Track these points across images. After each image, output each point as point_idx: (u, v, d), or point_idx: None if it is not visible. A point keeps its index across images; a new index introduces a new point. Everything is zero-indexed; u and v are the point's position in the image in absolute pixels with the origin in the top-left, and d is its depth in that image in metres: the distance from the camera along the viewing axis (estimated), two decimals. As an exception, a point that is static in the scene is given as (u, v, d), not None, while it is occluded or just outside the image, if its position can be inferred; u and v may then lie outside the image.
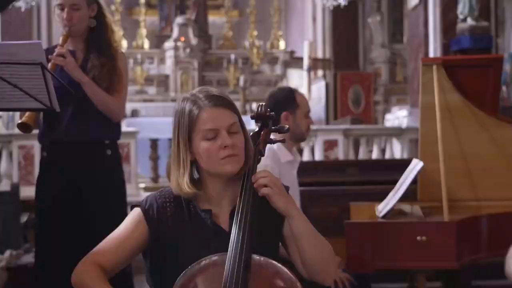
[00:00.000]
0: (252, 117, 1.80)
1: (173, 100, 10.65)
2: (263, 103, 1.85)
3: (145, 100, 10.73)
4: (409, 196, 3.18)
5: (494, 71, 2.98)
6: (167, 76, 10.98)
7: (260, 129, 1.80)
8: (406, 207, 3.16)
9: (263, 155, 1.81)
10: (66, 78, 2.68)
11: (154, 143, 8.07)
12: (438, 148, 2.95)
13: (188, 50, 10.81)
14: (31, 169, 5.95)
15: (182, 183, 1.67)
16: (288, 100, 3.02)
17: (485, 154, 3.17)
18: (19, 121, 2.57)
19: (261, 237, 1.67)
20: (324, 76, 11.65)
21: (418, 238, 2.64)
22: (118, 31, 2.97)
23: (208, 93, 1.69)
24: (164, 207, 1.71)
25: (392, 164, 4.72)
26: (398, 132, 7.32)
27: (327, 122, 10.28)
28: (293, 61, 11.31)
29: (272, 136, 1.84)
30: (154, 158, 8.02)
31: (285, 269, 1.59)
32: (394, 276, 3.92)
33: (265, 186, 1.63)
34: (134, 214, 1.74)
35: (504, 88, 8.35)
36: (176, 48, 10.78)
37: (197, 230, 1.69)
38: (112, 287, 1.63)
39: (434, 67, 2.95)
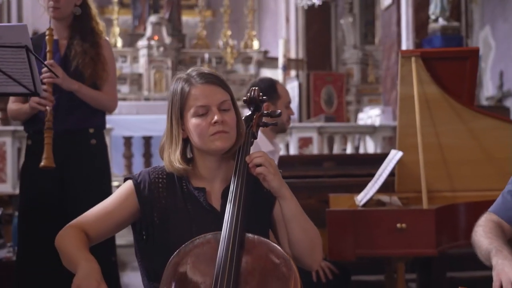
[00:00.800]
0: (244, 101, 1.82)
1: (147, 99, 10.59)
2: (256, 88, 1.87)
3: (118, 99, 10.61)
4: (386, 188, 3.23)
5: (470, 63, 3.04)
6: (140, 75, 10.91)
7: (253, 113, 1.82)
8: (384, 198, 3.21)
9: (256, 138, 1.83)
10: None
11: (127, 141, 8.01)
12: (415, 139, 3.00)
13: (161, 49, 10.75)
14: (3, 166, 5.85)
15: (173, 160, 1.68)
16: (269, 90, 3.04)
17: (461, 146, 3.23)
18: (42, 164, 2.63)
19: (253, 217, 1.69)
20: (297, 76, 11.72)
21: (398, 225, 2.68)
22: (102, 23, 2.95)
23: (200, 71, 1.71)
24: (156, 182, 1.72)
25: (368, 158, 4.78)
26: (371, 130, 7.41)
27: (300, 121, 10.35)
28: (267, 61, 11.35)
29: (264, 120, 1.86)
30: (128, 156, 7.96)
31: (278, 247, 1.60)
32: (373, 268, 3.97)
33: (260, 165, 1.64)
34: (125, 186, 1.74)
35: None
36: (149, 47, 10.72)
37: (189, 207, 1.70)
38: (91, 255, 1.61)
39: (413, 59, 3.00)
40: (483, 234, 1.80)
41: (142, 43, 10.87)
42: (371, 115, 8.63)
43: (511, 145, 3.15)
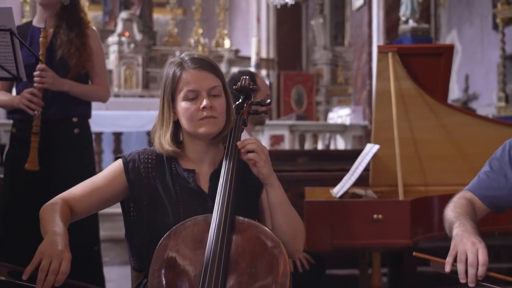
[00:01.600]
0: (235, 90, 1.84)
1: (117, 95, 10.48)
2: (247, 76, 1.89)
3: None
4: (361, 182, 3.28)
5: (445, 59, 3.12)
6: (110, 71, 10.79)
7: (243, 101, 1.84)
8: (360, 191, 3.27)
9: (246, 125, 1.85)
10: (36, 51, 2.66)
11: (98, 137, 7.90)
12: (390, 134, 3.06)
13: (132, 45, 10.66)
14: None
15: (164, 142, 1.71)
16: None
17: (435, 141, 3.30)
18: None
19: (242, 203, 1.70)
20: (268, 75, 11.77)
21: (375, 216, 2.73)
22: (89, 14, 2.94)
23: (193, 56, 1.73)
24: (145, 162, 1.73)
25: (341, 154, 4.84)
26: (342, 129, 7.51)
27: (271, 121, 10.40)
28: (238, 60, 11.37)
29: (254, 108, 1.88)
30: (98, 152, 7.86)
31: (268, 230, 1.62)
32: (347, 262, 4.02)
33: (252, 152, 1.66)
34: (115, 164, 1.75)
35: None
36: (120, 43, 10.61)
37: (177, 188, 1.71)
38: (63, 226, 1.59)
39: (390, 54, 3.07)
40: (452, 208, 1.86)
41: (112, 39, 10.77)
42: (341, 115, 8.74)
43: (483, 141, 3.23)
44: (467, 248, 1.57)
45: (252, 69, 8.91)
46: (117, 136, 8.37)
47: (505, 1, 7.95)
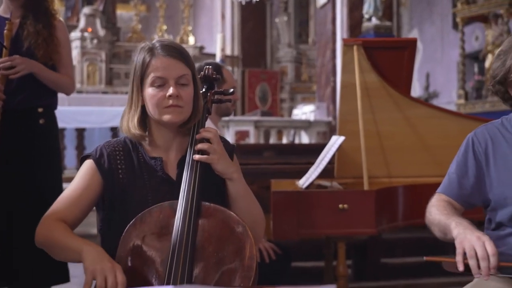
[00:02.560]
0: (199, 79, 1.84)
1: (79, 91, 10.32)
2: (210, 66, 1.89)
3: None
4: (326, 174, 3.31)
5: (408, 53, 3.17)
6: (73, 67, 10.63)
7: (207, 90, 1.84)
8: (325, 183, 3.30)
9: (210, 114, 1.86)
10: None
11: (60, 132, 7.76)
12: (355, 126, 3.09)
13: (95, 41, 10.52)
14: None
15: (131, 125, 1.69)
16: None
17: (399, 133, 3.35)
18: None
19: (211, 187, 1.70)
20: (232, 73, 11.76)
21: (340, 206, 2.75)
22: (56, 3, 2.89)
23: (164, 42, 1.71)
24: (114, 154, 1.71)
25: (307, 148, 4.88)
26: (306, 125, 7.56)
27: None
28: (203, 56, 11.32)
29: (218, 97, 1.88)
30: (61, 148, 7.73)
31: (234, 214, 1.62)
32: (312, 255, 4.05)
33: (208, 142, 1.67)
34: (86, 166, 1.72)
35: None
36: (82, 39, 10.45)
37: (145, 176, 1.70)
38: (86, 239, 1.59)
39: (355, 47, 3.11)
40: (438, 212, 1.85)
41: (75, 34, 10.60)
42: (305, 111, 8.80)
43: (445, 133, 3.30)
44: (473, 243, 1.59)
45: (218, 65, 8.90)
46: (80, 132, 8.25)
47: (464, 1, 8.13)
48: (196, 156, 1.65)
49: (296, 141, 7.52)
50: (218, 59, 8.92)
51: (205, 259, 1.55)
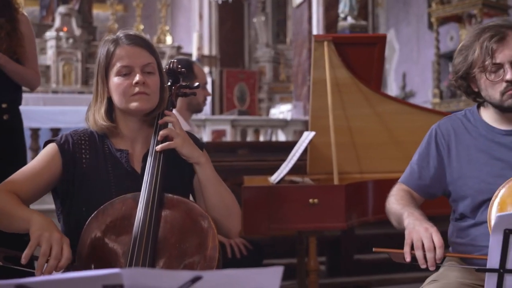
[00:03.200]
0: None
1: (55, 91, 10.23)
2: (175, 60, 1.90)
3: (23, 91, 10.17)
4: (299, 170, 3.33)
5: (378, 49, 3.19)
6: (48, 67, 10.52)
7: (172, 84, 1.85)
8: (297, 179, 3.31)
9: (175, 107, 1.86)
10: None
11: (34, 132, 7.69)
12: (327, 122, 3.11)
13: (71, 40, 10.42)
14: None
15: (98, 117, 1.69)
16: (186, 70, 3.05)
17: (370, 129, 3.37)
18: None
19: (175, 180, 1.70)
20: (210, 72, 11.76)
21: (311, 200, 2.76)
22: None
23: (127, 33, 1.72)
24: (79, 143, 1.70)
25: (281, 145, 4.89)
26: (283, 124, 7.58)
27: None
28: (180, 56, 11.30)
29: (183, 90, 1.89)
30: (35, 148, 7.64)
31: (197, 206, 1.63)
32: (285, 252, 4.07)
33: (169, 136, 1.67)
34: (49, 148, 1.70)
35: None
36: (58, 38, 10.35)
37: (110, 168, 1.69)
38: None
39: (325, 43, 3.12)
40: (395, 201, 1.89)
41: (50, 34, 10.50)
42: (282, 110, 8.83)
43: (415, 128, 3.32)
44: (421, 234, 1.62)
45: (195, 64, 8.89)
46: (55, 132, 8.17)
47: (439, 1, 8.22)
48: (158, 147, 1.65)
49: (273, 140, 7.54)
50: (194, 58, 8.92)
51: (167, 251, 1.55)
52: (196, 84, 1.91)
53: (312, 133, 3.10)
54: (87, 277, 0.83)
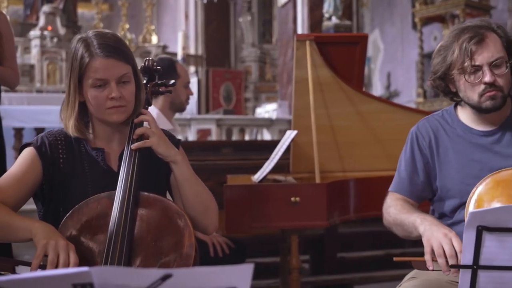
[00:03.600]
0: (139, 71, 1.83)
1: (39, 91, 10.16)
2: (151, 58, 1.89)
3: (7, 90, 10.08)
4: (282, 169, 3.34)
5: (360, 48, 3.21)
6: (32, 66, 10.45)
7: (148, 82, 1.84)
8: (280, 178, 3.32)
9: (150, 105, 1.86)
10: None
11: (18, 132, 7.63)
12: (309, 121, 3.12)
13: (55, 39, 10.36)
14: None
15: (68, 125, 1.67)
16: (168, 69, 3.05)
17: (352, 128, 3.39)
18: None
19: (151, 179, 1.70)
20: (196, 72, 11.74)
21: (292, 199, 2.77)
22: None
23: (102, 40, 1.65)
24: (55, 144, 1.69)
25: (266, 144, 4.89)
26: (268, 123, 7.59)
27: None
28: (166, 55, 11.28)
29: (159, 88, 1.89)
30: (19, 148, 7.59)
31: (173, 204, 1.63)
32: (269, 251, 4.07)
33: (145, 134, 1.66)
34: (26, 153, 1.69)
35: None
36: (42, 37, 10.28)
37: (86, 168, 1.69)
38: None
39: (307, 42, 3.13)
40: (398, 212, 1.85)
41: (34, 33, 10.42)
42: (268, 110, 8.83)
43: (397, 127, 3.35)
44: (441, 240, 1.58)
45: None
46: (39, 132, 8.10)
47: (423, 1, 8.27)
48: (134, 145, 1.65)
49: (259, 139, 7.55)
50: (179, 57, 8.89)
51: (143, 249, 1.54)
52: (172, 81, 1.90)
53: (294, 132, 3.11)
54: (57, 276, 0.83)
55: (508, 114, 1.87)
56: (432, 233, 1.62)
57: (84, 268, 0.82)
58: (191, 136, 7.11)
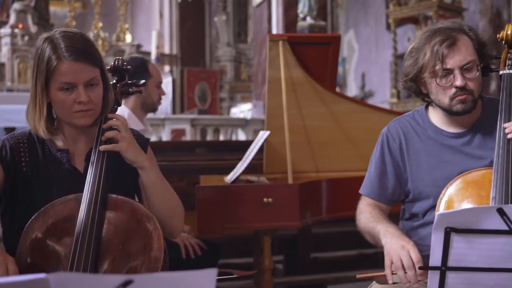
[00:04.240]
0: (109, 70, 1.79)
1: (9, 89, 9.99)
2: (120, 57, 1.86)
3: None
4: (255, 170, 3.33)
5: (333, 48, 3.21)
6: (2, 64, 10.26)
7: (117, 81, 1.81)
8: (253, 178, 3.31)
9: (120, 105, 1.82)
10: None
11: (-13, 132, 7.49)
12: (282, 121, 3.11)
13: (26, 38, 10.19)
14: None
15: (38, 128, 1.63)
16: (140, 69, 3.01)
17: (325, 128, 3.39)
18: None
19: (119, 181, 1.67)
20: (171, 71, 11.68)
21: (265, 200, 2.76)
22: None
23: (70, 42, 1.60)
24: (17, 147, 1.65)
25: (240, 144, 4.87)
26: (243, 123, 7.57)
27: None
28: (140, 54, 11.18)
29: (129, 88, 1.86)
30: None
31: (141, 206, 1.60)
32: (243, 251, 4.06)
33: (114, 138, 1.63)
34: None
35: (337, 88, 8.94)
36: (13, 35, 10.10)
37: (51, 169, 1.65)
38: None
39: (280, 42, 3.13)
40: (366, 220, 1.86)
41: (4, 31, 10.24)
42: (243, 110, 8.82)
43: (369, 127, 3.36)
44: (399, 253, 1.61)
45: (153, 62, 8.80)
46: (10, 132, 7.95)
47: (396, 2, 8.34)
48: (102, 147, 1.62)
49: (233, 139, 7.53)
50: (153, 56, 8.82)
51: (111, 252, 1.51)
52: (142, 81, 1.87)
53: (267, 133, 3.10)
54: (13, 283, 0.80)
55: (479, 115, 1.88)
56: (391, 246, 1.65)
57: (41, 275, 0.79)
58: (165, 136, 7.05)
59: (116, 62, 1.81)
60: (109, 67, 1.79)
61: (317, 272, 4.17)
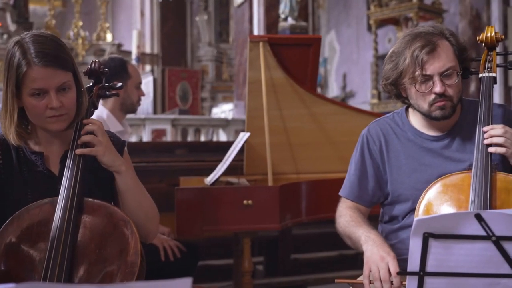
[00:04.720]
0: (85, 73, 1.77)
1: (-13, 88, 9.85)
2: (97, 60, 1.83)
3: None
4: (235, 171, 3.31)
5: (313, 50, 3.21)
6: (-20, 63, 10.12)
7: (94, 84, 1.78)
8: (233, 180, 3.29)
9: (96, 108, 1.80)
10: None
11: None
12: (263, 122, 3.10)
13: (5, 36, 10.08)
14: None
15: (8, 134, 1.60)
16: (120, 70, 2.98)
17: (305, 129, 3.39)
18: None
19: (97, 182, 1.65)
20: (152, 71, 11.61)
21: (245, 202, 2.75)
22: None
23: (39, 47, 1.56)
24: None
25: (220, 145, 4.85)
26: (224, 124, 7.55)
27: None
28: (121, 54, 11.08)
29: (106, 91, 1.83)
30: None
31: (118, 210, 1.58)
32: (223, 253, 4.04)
33: (90, 143, 1.60)
34: None
35: (318, 89, 8.96)
36: (-9, 33, 9.99)
37: (25, 173, 1.62)
38: None
39: (261, 43, 3.11)
40: (346, 224, 1.85)
41: (-18, 29, 10.11)
42: (224, 110, 8.80)
43: (350, 129, 3.36)
44: (378, 264, 1.61)
45: (133, 62, 8.74)
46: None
47: (377, 4, 8.38)
48: (78, 150, 1.59)
49: (214, 139, 7.50)
50: (133, 56, 8.76)
51: (86, 257, 1.49)
52: (119, 84, 1.85)
53: (247, 134, 3.08)
54: (-19, 293, 0.77)
55: (458, 118, 1.88)
56: (371, 255, 1.65)
57: (10, 285, 0.77)
58: (146, 136, 7.01)
59: (93, 65, 1.78)
60: (85, 70, 1.76)
61: (297, 273, 4.17)
